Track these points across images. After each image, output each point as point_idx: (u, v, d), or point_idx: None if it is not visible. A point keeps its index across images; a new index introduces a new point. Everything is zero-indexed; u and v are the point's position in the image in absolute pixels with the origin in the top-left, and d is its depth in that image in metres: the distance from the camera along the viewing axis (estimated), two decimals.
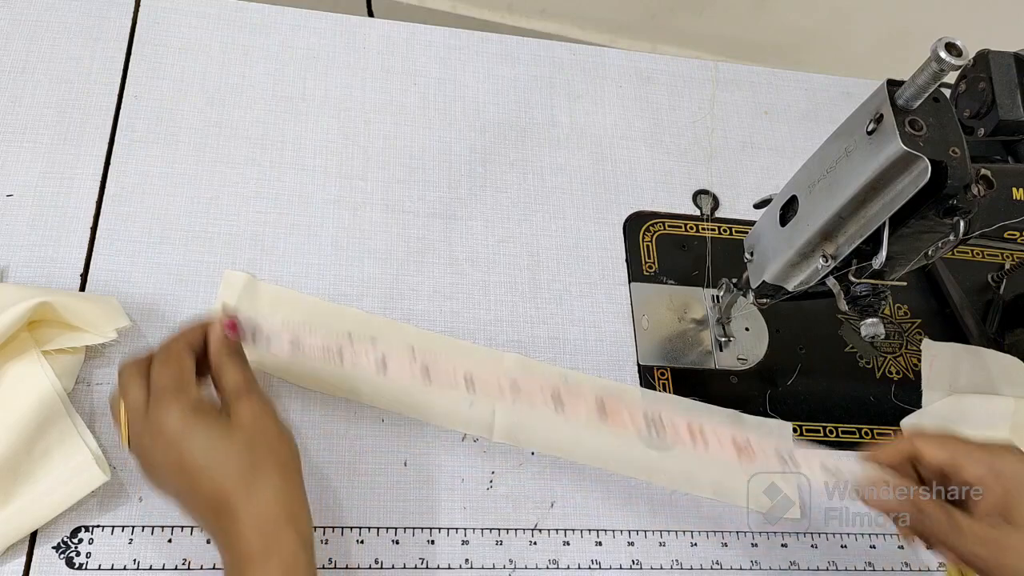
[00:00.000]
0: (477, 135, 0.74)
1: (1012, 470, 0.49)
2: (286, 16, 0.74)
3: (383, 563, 0.56)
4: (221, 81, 0.70)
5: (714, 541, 0.61)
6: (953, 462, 0.50)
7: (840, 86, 0.85)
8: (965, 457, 0.49)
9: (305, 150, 0.69)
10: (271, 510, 0.46)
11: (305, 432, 0.58)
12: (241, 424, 0.47)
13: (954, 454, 0.50)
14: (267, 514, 0.46)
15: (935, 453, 0.50)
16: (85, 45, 0.68)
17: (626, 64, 0.81)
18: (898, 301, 0.75)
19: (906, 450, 0.51)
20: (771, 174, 0.78)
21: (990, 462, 0.49)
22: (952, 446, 0.50)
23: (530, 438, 0.61)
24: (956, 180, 0.47)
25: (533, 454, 0.61)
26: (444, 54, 0.77)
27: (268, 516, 0.46)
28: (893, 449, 0.51)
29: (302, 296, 0.63)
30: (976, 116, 0.60)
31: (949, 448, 0.50)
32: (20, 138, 0.64)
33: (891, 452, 0.51)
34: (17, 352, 0.53)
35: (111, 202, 0.63)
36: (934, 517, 0.48)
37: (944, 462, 0.50)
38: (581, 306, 0.68)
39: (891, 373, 0.71)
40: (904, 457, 0.51)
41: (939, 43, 0.43)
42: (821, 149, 0.53)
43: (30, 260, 0.60)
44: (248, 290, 0.61)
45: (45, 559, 0.51)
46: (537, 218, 0.71)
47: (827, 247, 0.53)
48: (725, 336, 0.67)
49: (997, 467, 0.49)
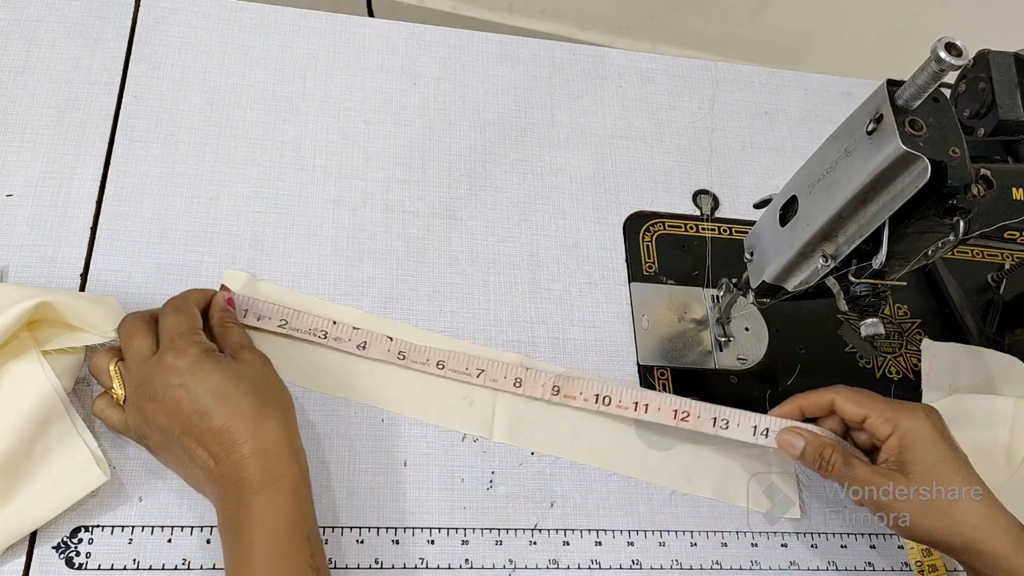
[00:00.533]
0: (477, 135, 0.74)
1: (909, 425, 0.56)
2: (286, 16, 0.74)
3: (383, 563, 0.56)
4: (221, 81, 0.70)
5: (714, 541, 0.61)
6: (862, 416, 0.57)
7: (840, 86, 0.85)
8: (873, 413, 0.57)
9: (305, 150, 0.69)
10: (277, 445, 0.50)
11: (305, 432, 0.58)
12: (248, 370, 0.52)
13: (863, 409, 0.57)
14: (273, 449, 0.49)
15: (846, 407, 0.58)
16: (85, 45, 0.68)
17: (626, 64, 0.81)
18: (898, 301, 0.75)
19: (825, 402, 0.59)
20: (771, 174, 0.78)
21: (893, 419, 0.56)
22: (862, 401, 0.58)
23: (530, 437, 0.61)
24: (956, 180, 0.47)
25: (533, 454, 0.61)
26: (444, 54, 0.77)
27: (273, 450, 0.49)
28: (815, 398, 0.60)
29: (301, 296, 0.63)
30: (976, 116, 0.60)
31: (859, 403, 0.58)
32: (20, 138, 0.64)
33: (812, 400, 0.60)
34: (17, 352, 0.53)
35: (111, 202, 0.63)
36: (833, 459, 0.57)
37: (854, 416, 0.58)
38: (581, 306, 0.68)
39: (891, 373, 0.71)
40: (823, 406, 0.59)
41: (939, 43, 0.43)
42: (821, 149, 0.53)
43: (30, 260, 0.60)
44: (247, 289, 0.61)
45: (45, 559, 0.51)
46: (537, 218, 0.71)
47: (827, 247, 0.53)
48: (725, 336, 0.67)
49: (897, 423, 0.56)
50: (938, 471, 0.54)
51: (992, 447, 0.66)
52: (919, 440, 0.55)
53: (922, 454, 0.55)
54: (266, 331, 0.60)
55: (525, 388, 0.62)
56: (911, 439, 0.55)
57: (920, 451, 0.55)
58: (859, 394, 0.58)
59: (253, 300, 0.60)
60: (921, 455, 0.55)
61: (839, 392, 0.59)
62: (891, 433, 0.56)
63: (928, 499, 0.53)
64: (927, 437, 0.55)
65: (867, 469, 0.56)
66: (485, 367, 0.62)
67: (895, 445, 0.56)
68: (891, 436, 0.56)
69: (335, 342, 0.60)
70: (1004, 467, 0.65)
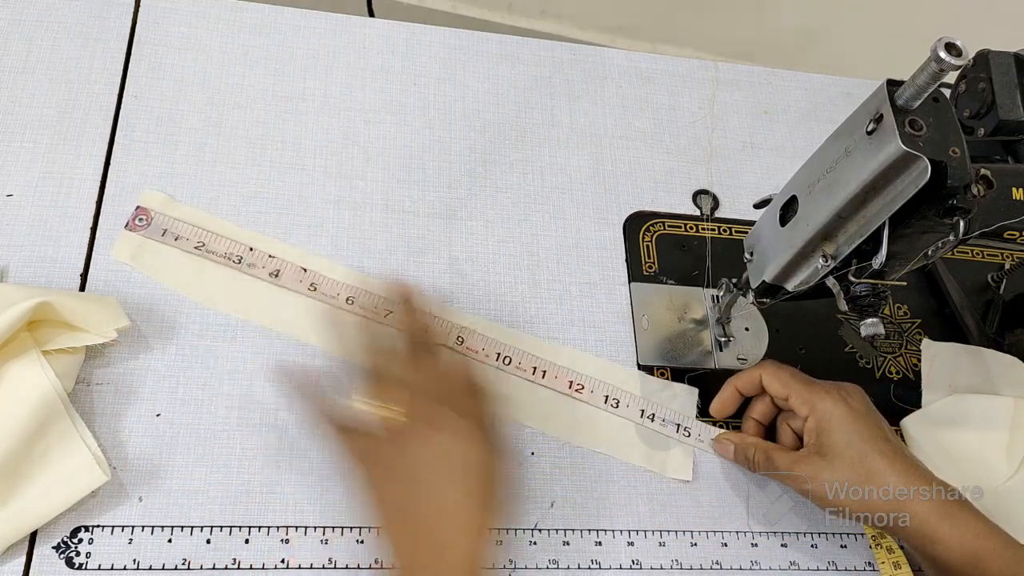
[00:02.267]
0: (477, 135, 0.74)
1: (823, 407, 0.58)
2: (286, 16, 0.74)
3: (383, 563, 0.56)
4: (221, 81, 0.70)
5: (714, 541, 0.61)
6: (786, 396, 0.60)
7: (840, 86, 0.85)
8: (793, 394, 0.59)
9: (305, 150, 0.69)
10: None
11: (306, 431, 0.58)
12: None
13: (786, 390, 0.60)
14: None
15: (772, 384, 0.61)
16: (85, 45, 0.68)
17: (626, 64, 0.81)
18: (898, 301, 0.75)
19: (755, 379, 0.62)
20: (771, 174, 0.78)
21: (811, 400, 0.58)
22: (786, 381, 0.60)
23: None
24: (956, 180, 0.47)
25: (533, 454, 0.61)
26: (444, 54, 0.77)
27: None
28: (747, 377, 0.63)
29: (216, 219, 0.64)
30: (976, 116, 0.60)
31: (784, 383, 0.60)
32: (20, 138, 0.64)
33: (744, 380, 0.63)
34: (17, 352, 0.53)
35: (111, 202, 0.63)
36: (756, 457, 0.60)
37: (778, 393, 0.60)
38: (581, 306, 0.68)
39: (891, 373, 0.71)
40: (755, 384, 0.62)
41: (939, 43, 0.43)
42: (821, 149, 0.53)
43: (30, 260, 0.60)
44: (166, 208, 0.63)
45: (45, 559, 0.51)
46: (537, 218, 0.71)
47: (827, 247, 0.53)
48: (725, 336, 0.67)
49: (814, 405, 0.58)
50: (853, 451, 0.56)
51: (992, 447, 0.66)
52: (833, 422, 0.57)
53: (836, 436, 0.57)
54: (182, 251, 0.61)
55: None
56: (826, 422, 0.57)
57: (835, 433, 0.57)
58: (784, 372, 0.61)
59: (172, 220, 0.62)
60: (836, 436, 0.57)
61: (765, 369, 0.61)
62: (808, 415, 0.58)
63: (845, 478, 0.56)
64: (841, 418, 0.57)
65: (787, 459, 0.58)
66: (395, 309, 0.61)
67: (812, 427, 0.58)
68: (808, 418, 0.58)
69: (248, 268, 0.62)
70: (1004, 467, 0.65)
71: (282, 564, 0.54)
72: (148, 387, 0.57)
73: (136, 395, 0.57)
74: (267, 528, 0.55)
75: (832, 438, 0.57)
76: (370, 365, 0.53)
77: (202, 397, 0.58)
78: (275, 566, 0.54)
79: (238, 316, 0.61)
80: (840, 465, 0.56)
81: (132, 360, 0.58)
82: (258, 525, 0.55)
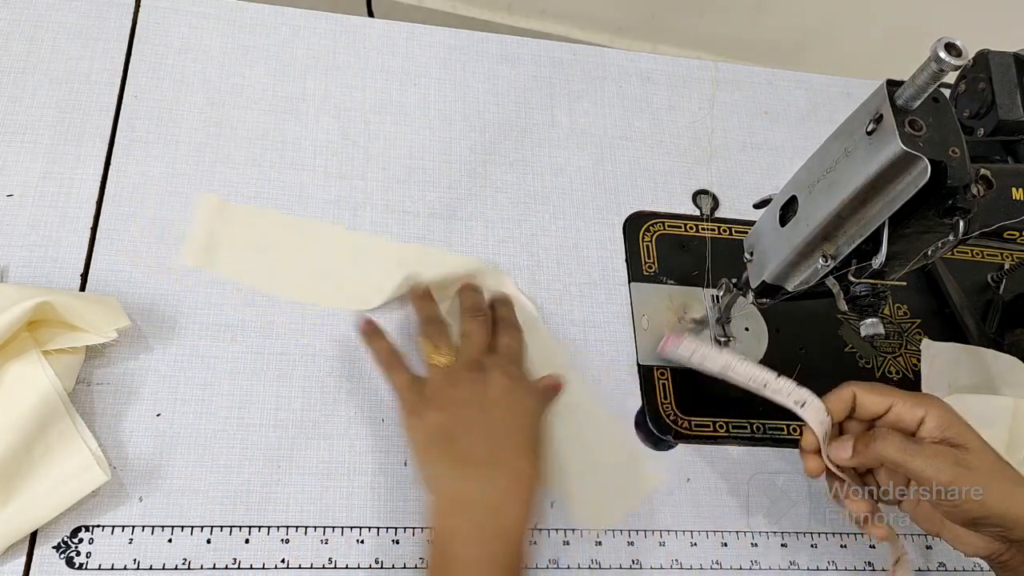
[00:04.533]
0: (477, 135, 0.74)
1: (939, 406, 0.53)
2: (286, 16, 0.74)
3: (383, 563, 0.56)
4: (221, 81, 0.70)
5: (714, 541, 0.61)
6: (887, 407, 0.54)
7: (840, 86, 0.85)
8: (898, 400, 0.54)
9: (305, 150, 0.69)
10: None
11: (306, 432, 0.59)
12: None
13: (889, 398, 0.54)
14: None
15: (874, 400, 0.54)
16: (85, 45, 0.68)
17: (626, 64, 0.81)
18: (898, 301, 0.75)
19: (848, 398, 0.55)
20: (771, 174, 0.78)
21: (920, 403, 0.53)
22: (887, 393, 0.55)
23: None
24: (956, 180, 0.47)
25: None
26: (444, 54, 0.77)
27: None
28: (837, 398, 0.55)
29: (272, 213, 0.65)
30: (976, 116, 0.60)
31: (885, 395, 0.54)
32: (20, 138, 0.64)
33: (836, 400, 0.55)
34: (17, 352, 0.53)
35: (111, 202, 0.63)
36: (890, 439, 0.52)
37: (882, 407, 0.54)
38: (581, 306, 0.68)
39: (891, 373, 0.71)
40: (847, 405, 0.55)
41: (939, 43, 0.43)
42: (821, 149, 0.53)
43: (30, 260, 0.60)
44: (222, 210, 0.64)
45: (45, 559, 0.51)
46: (537, 218, 0.71)
47: (827, 247, 0.53)
48: (725, 336, 0.67)
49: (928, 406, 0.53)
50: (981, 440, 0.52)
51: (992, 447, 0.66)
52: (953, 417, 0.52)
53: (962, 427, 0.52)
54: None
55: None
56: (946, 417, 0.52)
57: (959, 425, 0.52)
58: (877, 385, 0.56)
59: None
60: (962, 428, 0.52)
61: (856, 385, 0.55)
62: (924, 415, 0.52)
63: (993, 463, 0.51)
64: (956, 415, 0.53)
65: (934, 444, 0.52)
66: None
67: (934, 425, 0.52)
68: (926, 418, 0.52)
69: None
70: None
71: (282, 564, 0.54)
72: (148, 387, 0.57)
73: (136, 395, 0.57)
74: (267, 528, 0.55)
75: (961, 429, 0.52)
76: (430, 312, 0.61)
77: (202, 397, 0.58)
78: (275, 566, 0.54)
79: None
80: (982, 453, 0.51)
81: (132, 360, 0.58)
82: (258, 525, 0.55)
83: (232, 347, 0.60)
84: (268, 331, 0.61)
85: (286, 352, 0.61)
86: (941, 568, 0.63)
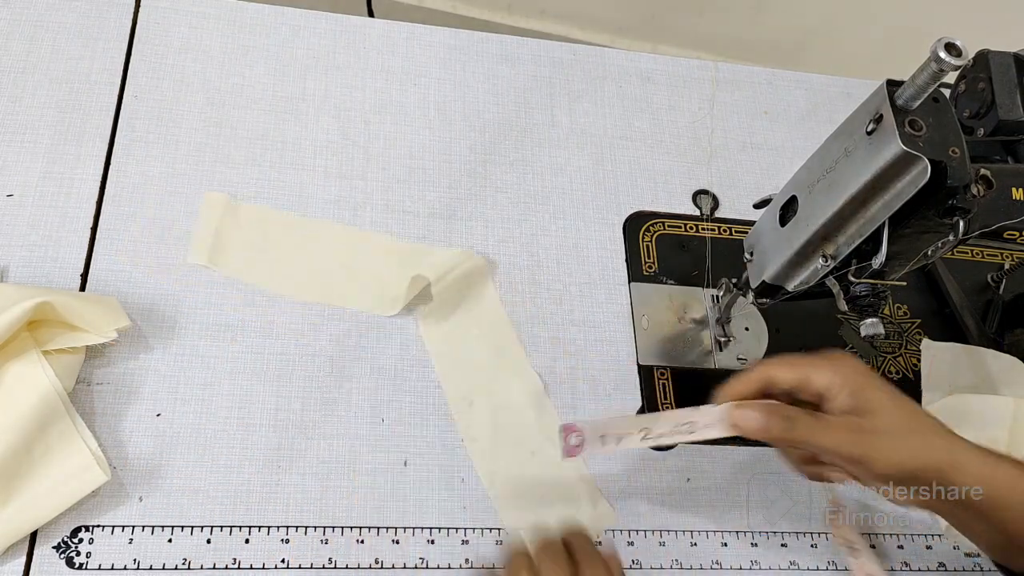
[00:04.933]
0: (477, 135, 0.74)
1: (850, 368, 0.52)
2: (286, 16, 0.74)
3: (383, 563, 0.56)
4: (221, 81, 0.70)
5: (714, 541, 0.61)
6: (803, 377, 0.52)
7: (840, 86, 0.85)
8: (812, 370, 0.52)
9: (305, 150, 0.69)
10: None
11: (306, 432, 0.59)
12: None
13: (802, 370, 0.53)
14: None
15: (786, 374, 0.53)
16: (85, 45, 0.68)
17: (626, 64, 0.81)
18: (898, 301, 0.75)
19: (759, 378, 0.53)
20: (771, 174, 0.78)
21: (832, 368, 0.52)
22: (798, 364, 0.53)
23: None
24: (956, 180, 0.47)
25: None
26: (444, 54, 0.77)
27: None
28: (747, 380, 0.54)
29: (283, 214, 0.65)
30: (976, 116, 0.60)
31: (796, 367, 0.53)
32: (20, 138, 0.64)
33: (746, 383, 0.54)
34: (17, 352, 0.53)
35: (111, 202, 0.63)
36: (802, 420, 0.50)
37: (794, 380, 0.53)
38: (581, 306, 0.68)
39: (891, 373, 0.71)
40: (758, 386, 0.53)
41: (939, 43, 0.43)
42: (821, 149, 0.53)
43: (30, 260, 0.60)
44: (229, 209, 0.64)
45: (45, 559, 0.51)
46: (537, 218, 0.71)
47: (827, 247, 0.53)
48: (725, 336, 0.67)
49: (840, 371, 0.52)
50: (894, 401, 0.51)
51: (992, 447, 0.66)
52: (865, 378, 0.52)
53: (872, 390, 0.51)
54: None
55: None
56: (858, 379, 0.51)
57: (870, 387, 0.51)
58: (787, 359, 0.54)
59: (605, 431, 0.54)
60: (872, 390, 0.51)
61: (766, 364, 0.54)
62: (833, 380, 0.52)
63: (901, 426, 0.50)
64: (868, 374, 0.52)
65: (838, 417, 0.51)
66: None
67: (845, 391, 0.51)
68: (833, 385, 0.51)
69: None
70: None
71: (282, 564, 0.54)
72: (148, 387, 0.57)
73: (136, 395, 0.57)
74: (267, 528, 0.55)
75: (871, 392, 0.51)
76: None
77: (202, 397, 0.58)
78: (275, 566, 0.54)
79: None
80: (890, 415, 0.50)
81: (132, 360, 0.58)
82: (258, 525, 0.55)
83: (232, 347, 0.60)
84: (268, 331, 0.61)
85: (286, 352, 0.61)
86: (941, 568, 0.63)
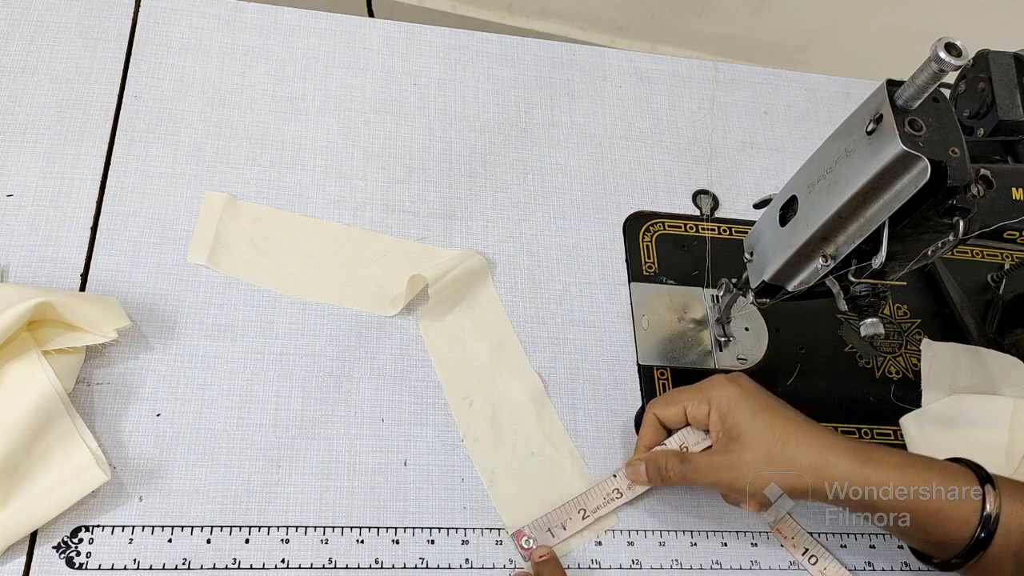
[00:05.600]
0: (477, 135, 0.74)
1: (719, 393, 0.57)
2: (286, 16, 0.74)
3: (383, 563, 0.56)
4: (221, 81, 0.70)
5: (714, 541, 0.61)
6: (681, 411, 0.58)
7: (840, 86, 0.85)
8: (688, 403, 0.58)
9: (305, 150, 0.69)
10: None
11: (306, 432, 0.59)
12: None
13: (679, 405, 0.58)
14: None
15: (667, 412, 0.59)
16: (85, 45, 0.68)
17: (626, 64, 0.81)
18: (898, 301, 0.75)
19: (651, 422, 0.60)
20: (771, 174, 0.78)
21: (704, 396, 0.57)
22: (676, 399, 0.59)
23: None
24: (956, 180, 0.47)
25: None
26: (444, 54, 0.77)
27: None
28: (645, 427, 0.60)
29: (283, 214, 0.65)
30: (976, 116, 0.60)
31: (673, 402, 0.59)
32: (20, 138, 0.64)
33: (645, 431, 0.60)
34: (17, 352, 0.53)
35: (111, 202, 0.63)
36: (671, 465, 0.57)
37: (676, 415, 0.59)
38: (581, 306, 0.68)
39: (891, 373, 0.71)
40: (654, 430, 0.60)
41: (939, 43, 0.43)
42: (821, 149, 0.53)
43: (30, 260, 0.60)
44: (229, 209, 0.64)
45: (45, 559, 0.51)
46: (537, 218, 0.71)
47: (827, 247, 0.53)
48: (725, 336, 0.67)
49: (709, 396, 0.57)
50: (760, 421, 0.55)
51: (992, 447, 0.66)
52: (732, 402, 0.56)
53: (740, 414, 0.56)
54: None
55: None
56: (725, 404, 0.56)
57: (738, 412, 0.56)
58: (670, 395, 0.60)
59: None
60: (740, 414, 0.56)
61: (653, 406, 0.60)
62: (708, 410, 0.57)
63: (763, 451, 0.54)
64: (739, 397, 0.56)
65: (704, 457, 0.57)
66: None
67: (716, 418, 0.57)
68: (710, 412, 0.57)
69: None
70: (1004, 467, 0.65)
71: (282, 564, 0.54)
72: (148, 387, 0.57)
73: (136, 395, 0.57)
74: (267, 528, 0.55)
75: (738, 417, 0.56)
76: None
77: (202, 397, 0.58)
78: (275, 566, 0.54)
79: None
80: (755, 440, 0.55)
81: (132, 360, 0.58)
82: (258, 525, 0.55)
83: (232, 347, 0.60)
84: (268, 331, 0.61)
85: (286, 352, 0.61)
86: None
